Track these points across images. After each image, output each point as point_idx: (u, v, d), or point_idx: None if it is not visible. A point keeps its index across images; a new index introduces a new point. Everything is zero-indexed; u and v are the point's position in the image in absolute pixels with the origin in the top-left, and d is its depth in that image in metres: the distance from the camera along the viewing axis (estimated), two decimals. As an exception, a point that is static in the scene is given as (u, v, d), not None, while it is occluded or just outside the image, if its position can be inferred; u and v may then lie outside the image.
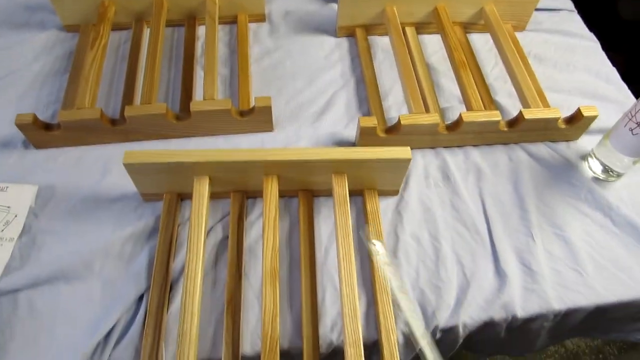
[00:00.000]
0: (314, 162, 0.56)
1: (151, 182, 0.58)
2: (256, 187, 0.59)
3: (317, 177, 0.59)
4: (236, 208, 0.60)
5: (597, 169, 0.66)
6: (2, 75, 0.73)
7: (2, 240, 0.57)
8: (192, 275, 0.51)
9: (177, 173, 0.56)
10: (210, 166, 0.56)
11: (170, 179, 0.58)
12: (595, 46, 0.84)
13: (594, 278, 0.58)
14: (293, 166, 0.57)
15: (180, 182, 0.58)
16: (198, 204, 0.55)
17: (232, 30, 0.81)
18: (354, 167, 0.58)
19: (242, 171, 0.57)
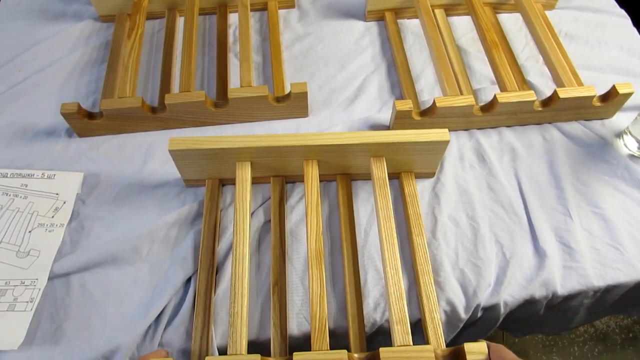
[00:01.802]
0: (353, 146, 0.57)
1: (194, 168, 0.60)
2: (295, 171, 0.60)
3: (356, 161, 0.60)
4: (277, 192, 0.61)
5: (632, 146, 0.66)
6: (42, 66, 0.75)
7: (53, 226, 0.59)
8: (240, 257, 0.53)
9: (220, 159, 0.58)
10: (252, 151, 0.57)
11: (212, 164, 0.59)
12: (627, 22, 0.83)
13: (633, 255, 0.59)
14: (333, 150, 0.58)
15: (222, 167, 0.59)
16: (242, 188, 0.57)
17: (262, 17, 0.82)
18: (393, 150, 0.58)
19: (283, 156, 0.58)
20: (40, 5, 0.83)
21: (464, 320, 0.56)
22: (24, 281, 0.54)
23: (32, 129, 0.68)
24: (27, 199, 0.61)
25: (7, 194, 0.61)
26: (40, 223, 0.59)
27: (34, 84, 0.73)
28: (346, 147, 0.57)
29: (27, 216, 0.59)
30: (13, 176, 0.63)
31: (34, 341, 0.52)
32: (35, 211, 0.60)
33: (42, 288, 0.54)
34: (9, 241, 0.57)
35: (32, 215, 0.60)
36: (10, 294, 0.53)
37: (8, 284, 0.54)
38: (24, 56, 0.76)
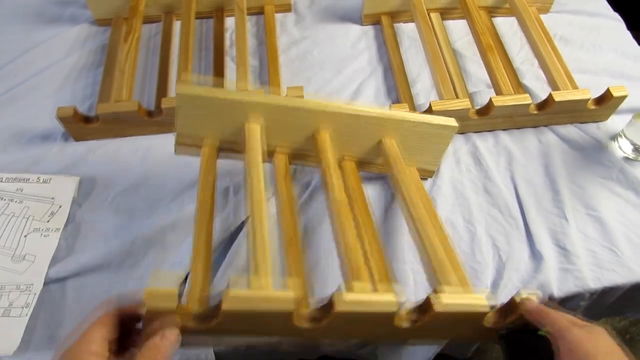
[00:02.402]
0: (369, 119, 0.55)
1: (196, 123, 0.54)
2: (303, 145, 0.57)
3: (365, 140, 0.58)
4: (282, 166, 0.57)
5: (627, 149, 0.67)
6: (38, 70, 0.75)
7: (49, 230, 0.59)
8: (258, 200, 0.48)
9: (229, 114, 0.53)
10: (267, 109, 0.53)
11: (218, 121, 0.54)
12: (621, 26, 0.84)
13: (629, 257, 0.59)
14: (347, 120, 0.55)
15: (226, 127, 0.54)
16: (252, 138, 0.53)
17: (258, 21, 0.82)
18: (403, 131, 0.57)
19: (296, 118, 0.54)
20: (36, 9, 0.83)
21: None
22: (20, 286, 0.54)
23: (28, 132, 0.68)
24: (23, 204, 0.60)
25: (3, 198, 0.61)
26: (36, 227, 0.59)
27: (30, 88, 0.73)
28: (362, 118, 0.55)
29: (23, 221, 0.59)
30: (8, 180, 0.62)
31: (29, 346, 0.51)
32: (31, 215, 0.60)
33: (37, 293, 0.54)
34: (4, 246, 0.57)
35: (27, 219, 0.59)
36: (5, 298, 0.53)
37: (3, 289, 0.54)
38: (20, 60, 0.76)
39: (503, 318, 0.45)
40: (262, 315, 0.40)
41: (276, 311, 0.39)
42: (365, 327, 0.43)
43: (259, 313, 0.39)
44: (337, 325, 0.41)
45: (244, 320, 0.40)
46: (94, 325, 0.37)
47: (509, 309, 0.44)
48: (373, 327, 0.44)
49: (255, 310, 0.39)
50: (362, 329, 0.44)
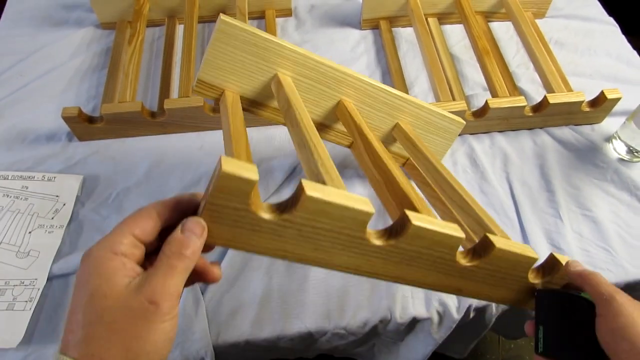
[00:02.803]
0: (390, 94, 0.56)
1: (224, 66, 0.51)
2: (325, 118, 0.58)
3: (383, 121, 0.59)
4: None
5: (621, 150, 0.68)
6: (44, 71, 0.76)
7: (53, 227, 0.60)
8: None
9: (262, 58, 0.51)
10: (299, 61, 0.52)
11: (247, 67, 0.51)
12: (615, 30, 0.86)
13: (623, 256, 0.60)
14: (371, 91, 0.56)
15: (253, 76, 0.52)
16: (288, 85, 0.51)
17: (260, 25, 0.84)
18: (416, 117, 0.59)
19: (323, 82, 0.54)
20: (42, 12, 0.85)
21: (456, 321, 0.56)
22: (24, 281, 0.55)
23: (34, 132, 0.69)
24: (28, 201, 0.62)
25: (8, 195, 0.62)
26: (40, 224, 0.60)
27: (36, 89, 0.74)
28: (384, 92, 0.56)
29: (28, 217, 0.60)
30: (14, 178, 0.64)
31: (32, 340, 0.52)
32: (36, 212, 0.61)
33: (41, 288, 0.55)
34: (9, 242, 0.58)
35: (32, 216, 0.61)
36: (9, 293, 0.54)
37: (8, 284, 0.55)
38: (26, 62, 0.78)
39: (542, 275, 0.45)
40: (339, 219, 0.35)
41: (356, 213, 0.35)
42: (421, 266, 0.41)
43: (337, 216, 0.35)
44: (399, 255, 0.39)
45: (313, 224, 0.35)
46: (125, 221, 0.32)
47: (549, 266, 0.45)
48: (428, 268, 0.41)
49: (338, 205, 0.34)
50: (417, 268, 0.41)
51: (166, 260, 0.31)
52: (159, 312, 0.30)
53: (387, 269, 0.40)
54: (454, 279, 0.43)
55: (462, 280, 0.43)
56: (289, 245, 0.36)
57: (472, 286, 0.44)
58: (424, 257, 0.40)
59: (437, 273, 0.42)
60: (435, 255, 0.40)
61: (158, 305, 0.30)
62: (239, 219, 0.33)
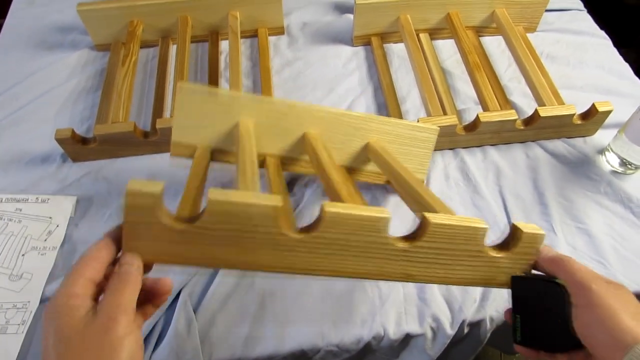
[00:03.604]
0: (352, 119, 0.58)
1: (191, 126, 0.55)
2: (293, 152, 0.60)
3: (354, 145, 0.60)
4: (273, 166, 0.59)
5: (614, 163, 0.68)
6: (39, 93, 0.77)
7: (46, 249, 0.60)
8: None
9: (224, 113, 0.55)
10: (258, 107, 0.55)
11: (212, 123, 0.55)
12: (607, 43, 0.86)
13: (617, 269, 0.59)
14: (333, 120, 0.57)
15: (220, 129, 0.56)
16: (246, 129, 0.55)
17: (252, 43, 0.85)
18: (386, 133, 0.59)
19: (284, 120, 0.57)
20: (39, 36, 0.86)
21: (450, 336, 0.56)
22: (16, 304, 0.55)
23: (28, 154, 0.70)
24: (21, 223, 0.62)
25: (2, 218, 0.62)
26: (34, 246, 0.60)
27: (31, 112, 0.75)
28: (347, 117, 0.58)
29: (21, 240, 0.61)
30: (8, 201, 0.64)
31: (24, 363, 0.52)
32: (29, 235, 0.61)
33: (33, 311, 0.55)
34: (2, 265, 0.58)
35: (25, 238, 0.61)
36: (2, 316, 0.54)
37: (1, 307, 0.55)
38: (21, 85, 0.79)
39: (506, 248, 0.43)
40: (247, 217, 0.37)
41: (261, 208, 0.37)
42: (355, 254, 0.41)
43: (244, 214, 0.37)
44: (325, 245, 0.40)
45: (226, 227, 0.37)
46: (77, 266, 0.35)
47: (511, 237, 0.44)
48: (362, 255, 0.41)
49: (240, 203, 0.36)
50: (351, 257, 0.41)
51: (113, 287, 0.34)
52: (120, 326, 0.32)
53: (317, 263, 0.41)
54: (397, 263, 0.42)
55: (408, 265, 0.42)
56: (212, 250, 0.38)
57: (422, 269, 0.43)
58: (353, 244, 0.40)
59: (375, 259, 0.41)
60: (365, 241, 0.40)
61: (116, 320, 0.32)
62: (155, 233, 0.36)
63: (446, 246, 0.42)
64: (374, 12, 0.79)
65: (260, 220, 0.37)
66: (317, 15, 0.90)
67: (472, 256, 0.43)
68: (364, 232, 0.40)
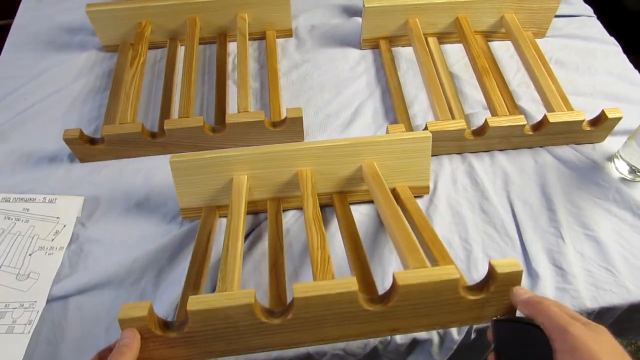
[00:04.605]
0: (342, 148, 0.59)
1: (193, 190, 0.60)
2: (291, 189, 0.62)
3: (348, 169, 0.61)
4: (273, 209, 0.62)
5: (623, 170, 0.67)
6: (47, 94, 0.77)
7: (53, 249, 0.60)
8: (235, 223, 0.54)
9: (218, 173, 0.59)
10: (248, 160, 0.58)
11: (210, 184, 0.60)
12: (616, 50, 0.85)
13: (626, 277, 0.59)
14: (324, 153, 0.59)
15: (220, 188, 0.60)
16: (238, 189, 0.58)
17: (260, 45, 0.85)
18: (378, 152, 0.60)
19: (277, 165, 0.59)
20: (47, 37, 0.87)
21: (457, 342, 0.56)
22: (23, 304, 0.55)
23: (36, 154, 0.70)
24: (29, 223, 0.62)
25: (9, 217, 0.62)
26: (41, 246, 0.60)
27: (39, 112, 0.75)
28: (337, 148, 0.59)
29: (28, 239, 0.61)
30: (15, 200, 0.64)
31: (31, 363, 0.52)
32: (36, 234, 0.61)
33: (40, 310, 0.55)
34: (9, 264, 0.58)
35: (32, 238, 0.61)
36: (9, 316, 0.54)
37: (7, 307, 0.55)
38: (30, 85, 0.79)
39: (486, 288, 0.44)
40: (226, 317, 0.42)
41: (237, 308, 0.41)
42: (333, 324, 0.44)
43: (223, 315, 0.42)
44: (303, 323, 0.43)
45: (210, 328, 0.43)
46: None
47: (489, 277, 0.44)
48: (343, 323, 0.44)
49: (217, 308, 0.41)
50: (330, 327, 0.44)
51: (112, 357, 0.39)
52: None
53: (301, 337, 0.45)
54: (377, 324, 0.44)
55: (389, 322, 0.44)
56: (205, 346, 0.44)
57: (405, 323, 0.45)
58: (329, 317, 0.43)
59: (354, 324, 0.44)
60: (340, 312, 0.43)
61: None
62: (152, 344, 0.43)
63: (421, 301, 0.43)
64: (382, 15, 0.79)
65: (239, 317, 0.42)
66: (325, 18, 0.90)
67: (451, 303, 0.44)
68: (335, 306, 0.43)
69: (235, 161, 0.58)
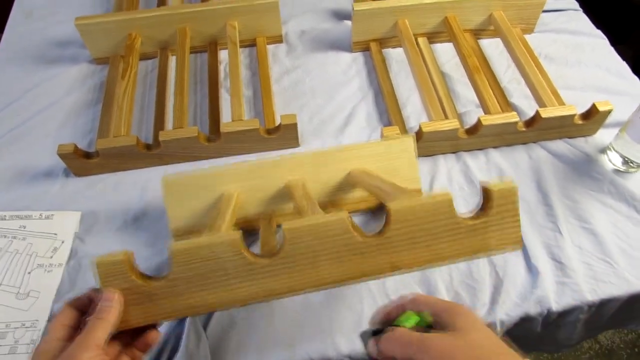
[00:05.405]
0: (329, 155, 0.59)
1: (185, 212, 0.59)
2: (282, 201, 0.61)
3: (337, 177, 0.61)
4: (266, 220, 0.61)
5: (617, 161, 0.68)
6: (39, 109, 0.77)
7: (52, 266, 0.60)
8: None
9: (209, 191, 0.58)
10: (239, 175, 0.58)
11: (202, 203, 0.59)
12: (604, 42, 0.86)
13: (624, 268, 0.59)
14: (310, 162, 0.59)
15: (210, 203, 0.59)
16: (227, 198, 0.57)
17: (251, 52, 0.85)
18: (360, 159, 0.60)
19: (266, 176, 0.59)
20: (37, 51, 0.86)
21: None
22: (25, 323, 0.55)
23: (30, 170, 0.69)
24: (26, 240, 0.62)
25: (6, 236, 0.62)
26: (40, 264, 0.60)
27: (32, 127, 0.75)
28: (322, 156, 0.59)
29: (26, 257, 0.60)
30: (11, 218, 0.64)
31: (34, 382, 0.52)
32: (34, 252, 0.61)
33: (42, 329, 0.55)
34: (8, 283, 0.58)
35: (31, 256, 0.60)
36: (11, 336, 0.54)
37: (9, 327, 0.55)
38: (21, 100, 0.78)
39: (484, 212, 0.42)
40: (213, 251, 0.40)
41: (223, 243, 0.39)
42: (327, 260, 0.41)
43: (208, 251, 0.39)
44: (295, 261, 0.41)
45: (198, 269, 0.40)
46: (52, 321, 0.39)
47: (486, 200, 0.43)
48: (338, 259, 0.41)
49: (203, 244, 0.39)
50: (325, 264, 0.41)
51: (88, 325, 0.37)
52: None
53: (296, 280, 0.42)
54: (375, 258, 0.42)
55: (387, 256, 0.42)
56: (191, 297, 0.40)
57: (405, 255, 0.42)
58: (322, 251, 0.41)
59: (350, 261, 0.41)
60: (334, 245, 0.41)
61: (75, 357, 0.35)
62: (133, 297, 0.40)
63: (417, 227, 0.41)
64: (372, 18, 0.80)
65: (225, 256, 0.40)
66: (314, 22, 0.90)
67: (450, 229, 0.42)
68: (328, 237, 0.41)
69: (224, 174, 0.58)
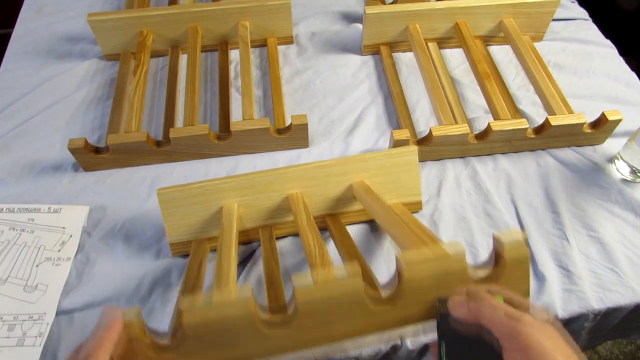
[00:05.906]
0: (331, 167, 0.59)
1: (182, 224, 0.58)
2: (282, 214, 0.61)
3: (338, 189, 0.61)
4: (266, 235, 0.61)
5: (624, 171, 0.68)
6: (49, 103, 0.77)
7: (60, 259, 0.60)
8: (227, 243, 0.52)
9: (207, 202, 0.57)
10: (238, 185, 0.57)
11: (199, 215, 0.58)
12: (613, 52, 0.87)
13: (631, 277, 0.60)
14: (311, 174, 0.59)
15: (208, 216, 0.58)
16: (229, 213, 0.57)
17: (262, 53, 0.85)
18: (365, 170, 0.60)
19: (266, 190, 0.58)
20: (47, 46, 0.86)
21: (467, 346, 0.56)
22: (32, 316, 0.55)
23: (40, 164, 0.70)
24: (34, 233, 0.62)
25: (14, 228, 0.62)
26: (47, 257, 0.60)
27: (41, 122, 0.75)
28: (323, 167, 0.59)
29: (34, 250, 0.60)
30: (20, 211, 0.64)
31: (40, 376, 0.52)
32: (42, 245, 0.61)
33: (50, 322, 0.55)
34: (16, 276, 0.58)
35: (39, 249, 0.60)
36: (19, 328, 0.54)
37: (17, 319, 0.55)
38: (31, 95, 0.79)
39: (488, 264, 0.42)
40: (226, 324, 0.38)
41: (238, 315, 0.38)
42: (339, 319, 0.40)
43: (223, 322, 0.38)
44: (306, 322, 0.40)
45: (210, 339, 0.39)
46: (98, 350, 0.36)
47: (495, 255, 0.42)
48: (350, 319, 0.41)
49: (216, 317, 0.38)
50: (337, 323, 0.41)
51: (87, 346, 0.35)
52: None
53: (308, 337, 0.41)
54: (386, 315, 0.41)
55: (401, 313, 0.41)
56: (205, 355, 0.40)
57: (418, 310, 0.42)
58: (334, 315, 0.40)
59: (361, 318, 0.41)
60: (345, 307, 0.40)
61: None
62: None
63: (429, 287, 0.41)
64: (383, 21, 0.80)
65: (238, 324, 0.38)
66: (325, 24, 0.90)
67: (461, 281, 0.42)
68: (342, 303, 0.39)
69: (223, 187, 0.57)
